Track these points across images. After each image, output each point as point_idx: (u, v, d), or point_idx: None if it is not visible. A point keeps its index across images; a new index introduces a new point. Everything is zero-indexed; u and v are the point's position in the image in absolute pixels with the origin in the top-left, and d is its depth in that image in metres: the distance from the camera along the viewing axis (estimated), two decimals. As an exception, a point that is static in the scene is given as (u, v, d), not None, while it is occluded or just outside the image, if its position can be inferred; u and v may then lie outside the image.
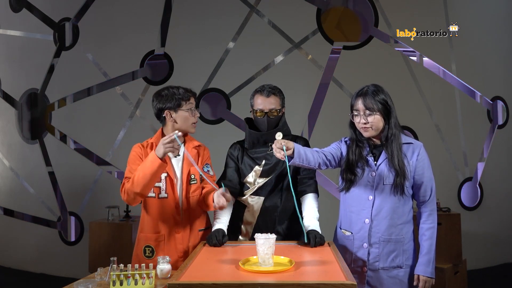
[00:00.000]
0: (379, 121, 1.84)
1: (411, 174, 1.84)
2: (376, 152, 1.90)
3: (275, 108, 2.04)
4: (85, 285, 1.60)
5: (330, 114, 3.89)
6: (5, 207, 4.62)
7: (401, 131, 1.89)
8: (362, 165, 1.89)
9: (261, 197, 2.05)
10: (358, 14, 4.03)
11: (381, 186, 1.85)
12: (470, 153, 4.19)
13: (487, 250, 4.15)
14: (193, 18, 4.06)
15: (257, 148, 2.09)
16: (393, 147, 1.83)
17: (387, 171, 1.84)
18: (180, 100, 1.98)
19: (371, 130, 1.85)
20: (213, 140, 3.39)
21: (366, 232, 1.86)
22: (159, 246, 1.97)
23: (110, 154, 4.13)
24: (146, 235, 1.99)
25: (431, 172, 1.89)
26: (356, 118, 1.88)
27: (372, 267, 1.86)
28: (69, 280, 1.77)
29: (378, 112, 1.83)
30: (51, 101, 4.35)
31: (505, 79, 4.39)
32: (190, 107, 2.01)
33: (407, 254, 1.87)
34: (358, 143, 1.92)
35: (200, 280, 1.31)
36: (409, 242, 1.88)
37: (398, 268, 1.84)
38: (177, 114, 2.00)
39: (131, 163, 1.99)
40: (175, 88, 2.02)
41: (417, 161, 1.86)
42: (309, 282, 1.27)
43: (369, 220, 1.86)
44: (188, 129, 2.04)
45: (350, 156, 1.92)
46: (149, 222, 1.99)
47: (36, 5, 4.42)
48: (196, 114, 2.06)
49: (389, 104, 1.85)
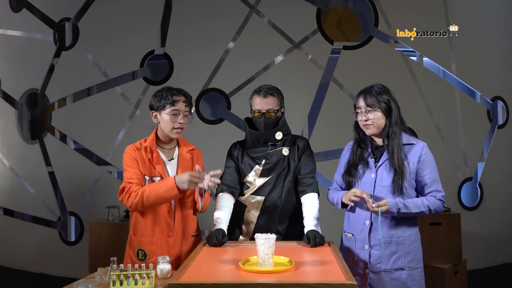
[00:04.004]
0: (380, 118, 1.85)
1: (411, 175, 1.83)
2: (378, 153, 1.90)
3: (273, 109, 2.04)
4: (85, 285, 1.60)
5: (330, 114, 3.89)
6: (5, 207, 4.62)
7: (403, 130, 1.88)
8: (363, 166, 1.89)
9: (262, 197, 2.05)
10: (358, 14, 4.03)
11: (380, 188, 1.84)
12: (470, 153, 4.19)
13: (487, 250, 4.15)
14: (193, 18, 4.06)
15: (257, 147, 2.09)
16: (394, 145, 1.83)
17: (387, 172, 1.83)
18: (165, 104, 1.95)
19: (372, 127, 1.86)
20: (213, 140, 3.41)
21: (366, 234, 1.86)
22: (151, 250, 1.95)
23: (110, 154, 4.13)
24: (139, 239, 1.97)
25: (437, 173, 1.86)
26: (358, 116, 1.89)
27: (374, 269, 1.84)
28: (69, 280, 1.77)
29: (379, 109, 1.84)
30: (51, 101, 4.35)
31: (505, 79, 4.39)
32: (175, 112, 1.94)
33: (411, 256, 1.84)
34: (361, 144, 1.93)
35: (200, 280, 1.31)
36: (412, 244, 1.85)
37: (401, 270, 1.82)
38: (160, 116, 1.98)
39: (129, 166, 1.97)
40: (167, 91, 1.98)
41: (419, 162, 1.84)
42: (309, 282, 1.27)
43: (369, 222, 1.86)
44: (168, 133, 1.98)
45: (352, 157, 1.93)
46: (142, 225, 1.97)
47: (36, 5, 4.42)
48: (182, 120, 1.96)
49: (391, 103, 1.86)
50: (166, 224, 1.97)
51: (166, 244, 1.96)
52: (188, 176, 1.80)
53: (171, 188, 1.82)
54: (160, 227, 1.96)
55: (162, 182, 1.87)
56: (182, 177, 1.82)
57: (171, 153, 2.06)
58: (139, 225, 1.98)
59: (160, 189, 1.85)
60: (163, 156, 2.03)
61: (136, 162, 1.96)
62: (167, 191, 1.83)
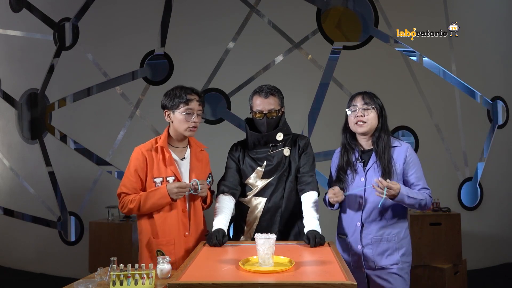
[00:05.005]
0: (374, 119, 1.93)
1: (397, 176, 1.90)
2: (365, 157, 1.97)
3: (274, 109, 2.03)
4: (85, 285, 1.60)
5: (330, 114, 3.89)
6: (5, 207, 4.62)
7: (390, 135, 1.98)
8: (351, 170, 1.97)
9: (263, 198, 2.05)
10: (358, 14, 4.03)
11: (370, 190, 1.89)
12: (470, 153, 4.19)
13: (487, 250, 4.15)
14: (193, 18, 4.06)
15: (258, 148, 2.08)
16: (384, 147, 1.92)
17: (376, 175, 1.90)
18: (178, 103, 1.98)
19: (366, 125, 1.93)
20: (213, 140, 3.40)
21: (358, 235, 1.93)
22: (169, 250, 1.96)
23: (110, 154, 4.13)
24: (157, 240, 1.98)
25: (422, 172, 1.95)
26: (353, 114, 1.95)
27: (369, 267, 1.92)
28: (69, 280, 1.77)
29: (374, 109, 1.93)
30: (51, 101, 4.35)
31: (505, 79, 4.40)
32: (189, 111, 1.97)
33: (402, 251, 1.91)
34: (347, 147, 2.01)
35: (200, 280, 1.31)
36: (402, 240, 1.92)
37: (395, 265, 1.89)
38: (174, 115, 2.00)
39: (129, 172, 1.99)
40: (181, 90, 2.00)
41: (404, 163, 1.92)
42: (309, 282, 1.27)
43: (360, 223, 1.93)
44: (183, 132, 2.01)
45: (340, 161, 2.02)
46: (159, 226, 1.98)
47: (36, 5, 4.42)
48: (196, 119, 2.00)
49: (383, 108, 1.97)
50: (182, 223, 2.00)
51: (184, 243, 1.99)
52: (176, 189, 1.91)
53: (164, 196, 1.92)
54: (177, 226, 1.99)
55: (156, 191, 1.94)
56: (171, 188, 1.91)
57: (182, 152, 2.08)
58: (156, 226, 1.98)
59: (154, 197, 1.93)
60: (175, 155, 2.04)
61: (140, 167, 1.98)
62: (160, 199, 1.93)
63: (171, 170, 1.98)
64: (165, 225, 1.98)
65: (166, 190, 1.91)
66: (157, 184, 1.98)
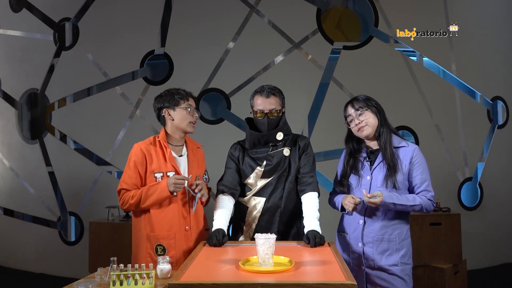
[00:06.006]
0: (372, 117, 1.95)
1: (403, 176, 1.91)
2: (373, 157, 1.99)
3: (275, 109, 2.03)
4: (85, 285, 1.60)
5: (330, 114, 3.88)
6: (5, 207, 4.62)
7: (392, 132, 1.99)
8: (356, 175, 1.99)
9: (262, 198, 2.05)
10: (358, 14, 4.03)
11: (375, 189, 1.91)
12: (470, 153, 4.19)
13: (487, 250, 4.15)
14: (193, 18, 4.06)
15: (258, 148, 2.08)
16: (386, 141, 1.93)
17: (382, 173, 1.91)
18: (178, 99, 2.04)
19: (367, 127, 1.94)
20: (213, 140, 3.40)
21: (360, 232, 1.94)
22: (170, 244, 1.99)
23: (110, 154, 4.13)
24: (157, 234, 1.99)
25: (428, 175, 1.95)
26: (351, 124, 1.98)
27: (368, 266, 1.92)
28: (69, 280, 1.77)
29: (368, 109, 1.95)
30: (51, 101, 4.34)
31: (505, 79, 4.39)
32: (188, 106, 2.05)
33: (402, 252, 1.91)
34: (355, 155, 2.02)
35: (200, 280, 1.31)
36: (403, 241, 1.93)
37: (394, 266, 1.89)
38: (175, 112, 2.04)
39: (129, 168, 2.01)
40: (176, 90, 2.08)
41: (410, 164, 1.93)
42: (309, 282, 1.27)
43: (363, 221, 1.94)
44: (185, 128, 2.06)
45: (344, 168, 2.04)
46: (159, 221, 2.00)
47: (36, 5, 4.42)
48: (195, 114, 2.08)
49: (379, 106, 1.98)
50: (182, 218, 2.02)
51: (184, 237, 2.01)
52: (173, 180, 1.92)
53: (164, 189, 1.93)
54: (178, 221, 2.01)
55: (156, 185, 1.96)
56: (170, 180, 1.93)
57: (180, 150, 2.11)
58: (156, 220, 2.00)
59: (155, 191, 1.94)
60: (173, 153, 2.08)
61: (140, 162, 2.00)
62: (160, 192, 1.94)
63: (171, 165, 2.01)
64: (165, 220, 2.00)
65: (166, 183, 1.93)
66: (158, 179, 2.00)
